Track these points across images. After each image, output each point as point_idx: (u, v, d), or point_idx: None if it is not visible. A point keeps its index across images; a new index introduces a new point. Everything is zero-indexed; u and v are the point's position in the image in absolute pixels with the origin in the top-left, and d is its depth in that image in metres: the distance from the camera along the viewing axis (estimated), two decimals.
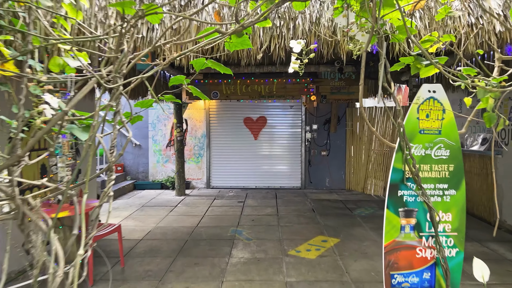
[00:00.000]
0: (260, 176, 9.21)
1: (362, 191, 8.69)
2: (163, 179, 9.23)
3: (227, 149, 9.22)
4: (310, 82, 8.65)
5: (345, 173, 9.13)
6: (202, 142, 9.23)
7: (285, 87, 8.66)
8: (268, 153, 9.21)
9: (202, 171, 9.29)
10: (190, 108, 9.18)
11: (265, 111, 9.15)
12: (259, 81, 8.68)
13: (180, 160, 8.19)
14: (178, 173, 8.20)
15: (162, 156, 9.32)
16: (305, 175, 9.14)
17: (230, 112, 9.16)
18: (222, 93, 8.70)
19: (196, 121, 9.23)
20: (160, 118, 9.27)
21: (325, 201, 7.63)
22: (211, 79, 8.67)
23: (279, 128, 9.17)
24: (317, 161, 9.13)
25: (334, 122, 8.96)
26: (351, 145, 8.97)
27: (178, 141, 8.15)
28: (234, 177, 9.24)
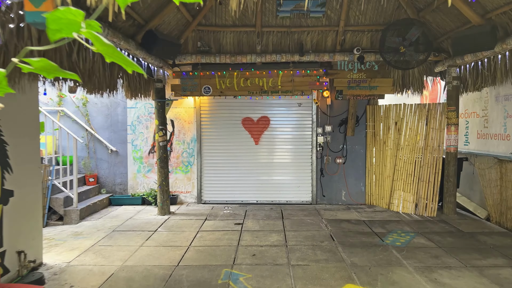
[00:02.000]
0: (262, 189, 7.78)
1: (387, 207, 7.25)
2: (144, 193, 7.79)
3: (222, 156, 7.78)
4: (323, 74, 7.22)
5: (365, 185, 7.69)
6: (192, 147, 7.80)
7: (292, 80, 7.23)
8: (271, 161, 7.77)
9: (192, 183, 7.85)
10: (176, 106, 7.75)
11: (268, 109, 7.73)
12: (260, 73, 7.25)
13: (163, 171, 6.75)
14: (161, 187, 6.75)
15: (143, 165, 7.89)
16: (317, 187, 7.71)
17: (226, 111, 7.73)
18: (216, 88, 7.27)
19: (184, 122, 7.80)
20: (141, 118, 7.85)
21: (344, 223, 6.19)
22: (202, 71, 7.25)
23: (285, 130, 7.73)
24: (331, 171, 7.69)
25: (351, 123, 7.53)
26: (373, 151, 7.54)
27: (160, 147, 6.72)
28: (230, 190, 7.80)
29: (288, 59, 6.91)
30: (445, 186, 6.65)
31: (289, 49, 7.05)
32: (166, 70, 6.87)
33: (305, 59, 6.91)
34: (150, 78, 6.76)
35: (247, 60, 6.89)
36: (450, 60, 6.49)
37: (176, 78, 7.30)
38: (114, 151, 7.86)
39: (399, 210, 7.00)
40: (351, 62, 7.24)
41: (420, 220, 6.36)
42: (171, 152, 7.82)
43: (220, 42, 7.03)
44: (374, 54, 6.87)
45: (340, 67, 7.27)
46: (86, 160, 7.83)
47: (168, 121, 7.75)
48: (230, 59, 6.87)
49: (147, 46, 5.22)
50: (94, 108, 7.85)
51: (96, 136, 7.79)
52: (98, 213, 7.00)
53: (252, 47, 7.04)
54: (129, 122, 7.85)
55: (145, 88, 6.63)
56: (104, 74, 4.65)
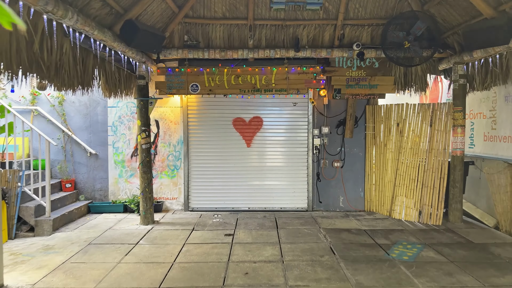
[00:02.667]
0: (255, 195, 7.27)
1: (388, 214, 6.82)
2: (127, 199, 7.22)
3: (212, 159, 7.26)
4: (320, 72, 6.76)
5: (364, 190, 7.25)
6: (179, 150, 7.26)
7: (287, 77, 6.75)
8: (264, 165, 7.28)
9: (179, 189, 7.30)
10: (161, 105, 7.20)
11: (260, 109, 7.23)
12: (253, 70, 6.75)
13: (146, 176, 6.20)
14: (144, 194, 6.20)
15: (126, 169, 7.31)
16: (313, 193, 7.24)
17: (215, 110, 7.21)
18: (204, 86, 6.75)
19: (170, 122, 7.25)
20: (123, 119, 7.27)
21: (344, 233, 5.72)
22: (189, 67, 6.72)
23: (279, 132, 7.25)
24: (329, 175, 7.24)
25: (350, 124, 7.08)
26: (373, 154, 7.10)
27: (143, 150, 6.16)
28: (220, 196, 7.28)
29: (283, 55, 6.43)
30: (451, 192, 6.24)
31: (283, 44, 6.57)
32: (150, 66, 6.32)
33: (301, 55, 6.44)
34: (132, 75, 6.20)
35: (239, 56, 6.38)
36: (457, 57, 6.09)
37: (160, 74, 6.76)
38: (93, 154, 7.26)
39: (401, 218, 6.57)
40: (350, 59, 6.80)
41: (425, 229, 5.93)
42: (155, 155, 7.27)
43: (209, 35, 6.51)
44: (375, 50, 6.43)
45: (338, 64, 6.82)
46: (62, 164, 7.22)
47: (152, 122, 7.20)
48: (220, 54, 6.36)
49: (126, 37, 4.67)
50: (71, 107, 7.24)
51: (73, 138, 7.19)
52: (75, 222, 6.41)
53: (244, 41, 6.54)
54: (110, 123, 7.27)
55: (126, 85, 6.08)
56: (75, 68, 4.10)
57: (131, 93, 6.44)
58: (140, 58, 5.68)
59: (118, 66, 5.53)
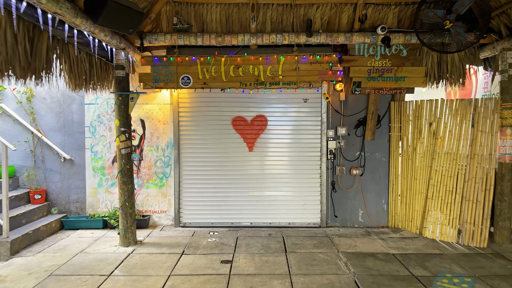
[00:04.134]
0: (258, 208, 6.23)
1: (417, 232, 5.76)
2: (107, 213, 6.20)
3: (207, 165, 6.22)
4: (336, 61, 5.71)
5: (387, 203, 6.19)
6: (168, 155, 6.23)
7: (297, 68, 5.70)
8: (269, 172, 6.23)
9: (168, 200, 6.27)
10: (148, 102, 6.17)
11: (265, 106, 6.19)
12: (256, 59, 5.71)
13: (126, 188, 5.17)
14: (123, 209, 5.17)
15: (106, 177, 6.29)
16: (327, 205, 6.19)
17: (211, 108, 6.18)
18: (197, 78, 5.72)
19: (158, 122, 6.22)
20: (102, 118, 6.25)
21: (369, 259, 4.67)
22: (179, 56, 5.68)
23: (286, 133, 6.20)
24: (346, 184, 6.18)
25: (371, 124, 6.02)
26: (398, 160, 6.04)
27: (122, 155, 5.13)
28: (217, 209, 6.24)
29: (292, 41, 5.39)
30: (498, 207, 5.18)
31: (293, 27, 5.53)
32: (132, 54, 5.30)
33: (313, 41, 5.39)
34: (108, 64, 5.18)
35: (239, 42, 5.35)
36: (506, 42, 5.03)
37: (146, 65, 5.72)
38: (68, 159, 6.24)
39: (435, 237, 5.51)
40: (373, 46, 5.73)
41: (468, 253, 4.87)
42: (141, 161, 6.24)
43: (203, 18, 5.49)
44: (403, 35, 5.37)
45: (359, 52, 5.76)
46: (31, 171, 6.20)
47: (137, 121, 6.18)
48: (216, 40, 5.33)
49: (91, 11, 3.64)
50: (41, 105, 6.22)
51: (44, 141, 6.17)
52: (41, 243, 5.39)
53: (245, 24, 5.50)
54: (87, 123, 6.24)
55: (101, 76, 5.06)
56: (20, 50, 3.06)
57: (109, 86, 5.42)
58: (117, 43, 4.65)
59: (87, 52, 4.50)
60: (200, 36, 5.32)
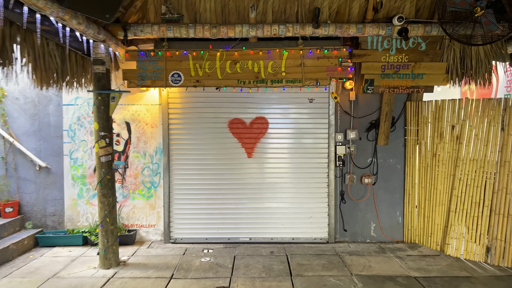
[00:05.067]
0: (258, 221, 5.59)
1: (438, 248, 5.14)
2: (88, 228, 5.55)
3: (200, 174, 5.58)
4: (347, 56, 5.10)
5: (403, 215, 5.57)
6: (157, 162, 5.59)
7: (302, 64, 5.08)
8: (271, 181, 5.59)
9: (157, 213, 5.63)
10: (134, 102, 5.53)
11: (265, 107, 5.56)
12: (256, 54, 5.09)
13: (106, 201, 4.51)
14: (103, 226, 4.51)
15: (87, 187, 5.64)
16: (336, 218, 5.56)
17: (205, 109, 5.54)
18: (189, 75, 5.09)
19: (146, 125, 5.58)
20: (83, 120, 5.60)
21: (388, 284, 4.04)
22: (168, 50, 5.05)
23: (289, 137, 5.57)
24: (356, 194, 5.56)
25: (385, 126, 5.41)
26: (415, 167, 5.43)
27: (102, 164, 4.48)
28: (212, 223, 5.60)
29: (297, 33, 4.78)
30: None
31: (297, 18, 4.92)
32: (114, 48, 4.67)
33: (321, 33, 4.79)
34: (87, 59, 4.55)
35: (236, 34, 4.73)
36: None
37: (130, 60, 5.08)
38: (44, 167, 5.59)
39: (459, 256, 4.89)
40: (388, 38, 5.13)
41: (501, 275, 4.26)
42: (126, 169, 5.60)
43: (196, 7, 4.87)
44: (422, 26, 4.78)
45: (371, 46, 5.15)
46: (2, 180, 5.54)
47: (122, 124, 5.54)
48: (210, 32, 4.71)
49: None
50: (14, 106, 5.56)
51: (17, 146, 5.52)
52: (10, 264, 4.73)
53: (243, 14, 4.89)
54: (66, 126, 5.60)
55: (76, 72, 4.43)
56: None
57: (88, 84, 4.78)
58: (95, 34, 4.01)
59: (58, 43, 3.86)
60: (192, 28, 4.70)
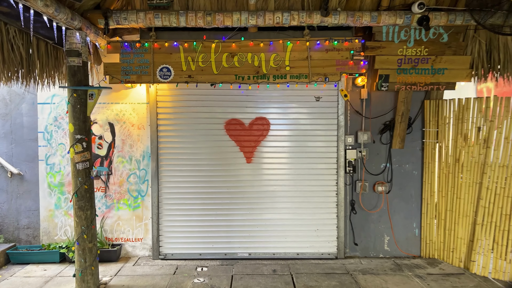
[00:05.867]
0: (259, 234, 5.01)
1: (462, 265, 4.59)
2: (66, 242, 4.94)
3: (193, 181, 4.99)
4: (359, 48, 4.53)
5: (420, 227, 5.02)
6: (145, 168, 4.99)
7: (309, 57, 4.51)
8: (272, 189, 5.01)
9: (145, 225, 5.03)
10: (118, 101, 4.94)
11: (267, 106, 4.98)
12: (256, 45, 4.51)
13: (83, 215, 3.91)
14: (80, 243, 3.91)
15: (66, 196, 5.04)
16: (345, 231, 4.99)
17: (199, 108, 4.95)
18: (181, 70, 4.50)
19: (132, 127, 4.98)
20: (60, 121, 5.00)
21: None
22: (156, 41, 4.46)
23: (293, 140, 4.99)
24: (368, 204, 5.00)
25: (401, 128, 4.85)
26: (435, 174, 4.88)
27: (79, 172, 3.88)
28: (206, 237, 5.01)
29: (303, 21, 4.21)
30: None
31: (303, 4, 4.34)
32: (94, 39, 4.07)
33: (330, 22, 4.22)
34: (59, 49, 3.95)
35: (234, 23, 4.16)
36: None
37: (112, 52, 4.47)
38: (16, 174, 4.98)
39: (486, 274, 4.34)
40: (406, 28, 4.56)
41: None
42: (110, 176, 5.00)
43: None
44: (446, 14, 4.22)
45: (387, 37, 4.58)
46: None
47: (105, 126, 4.94)
48: (204, 20, 4.13)
49: None
50: None
51: None
52: None
53: (242, 0, 4.31)
54: (41, 127, 4.99)
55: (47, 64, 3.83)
56: None
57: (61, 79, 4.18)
58: (67, 20, 3.41)
59: (20, 29, 3.26)
60: (184, 15, 4.12)
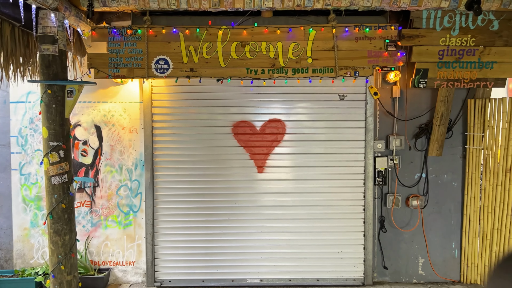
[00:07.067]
0: (272, 257, 4.28)
1: None
2: (44, 267, 4.20)
3: (195, 194, 4.25)
4: (395, 37, 3.82)
5: (461, 247, 4.32)
6: (137, 179, 4.25)
7: (335, 46, 3.79)
8: (288, 204, 4.28)
9: (138, 246, 4.29)
10: (106, 99, 4.20)
11: (282, 106, 4.25)
12: (272, 33, 3.79)
13: (60, 241, 3.16)
14: (56, 276, 3.16)
15: (44, 212, 4.29)
16: (374, 253, 4.29)
17: (202, 108, 4.22)
18: (181, 62, 3.77)
19: (122, 130, 4.24)
20: (37, 123, 4.25)
21: None
22: (152, 27, 3.73)
23: (313, 145, 4.26)
24: (401, 221, 4.30)
25: (439, 132, 4.15)
26: (478, 185, 4.19)
27: (55, 187, 3.13)
28: (210, 260, 4.27)
29: (328, 4, 3.49)
30: None
31: None
32: (75, 23, 3.34)
33: (362, 5, 3.50)
34: (30, 33, 3.20)
35: (246, 6, 3.44)
36: None
37: (98, 40, 3.74)
38: None
39: None
40: (450, 14, 3.86)
41: None
42: (96, 188, 4.26)
43: None
44: None
45: (427, 24, 3.87)
46: None
47: (91, 129, 4.20)
48: (210, 2, 3.41)
49: None
50: None
51: None
52: None
53: None
54: (14, 131, 4.24)
55: (15, 53, 3.08)
56: None
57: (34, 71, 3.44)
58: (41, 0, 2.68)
59: None
60: None
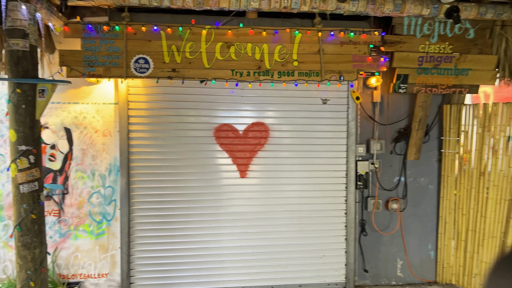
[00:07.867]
0: (254, 263, 4.19)
1: None
2: (6, 283, 3.84)
3: (174, 200, 4.07)
4: (378, 42, 3.87)
5: (436, 248, 4.46)
6: (111, 185, 4.00)
7: (321, 50, 3.78)
8: (271, 209, 4.21)
9: (111, 257, 4.04)
10: (76, 99, 3.92)
11: (265, 109, 4.18)
12: (257, 34, 3.71)
13: (30, 255, 2.89)
14: None
15: (5, 222, 3.93)
16: (355, 256, 4.31)
17: (183, 110, 4.04)
18: (162, 62, 3.60)
19: (95, 133, 3.98)
20: (4, 122, 3.91)
21: None
22: (131, 24, 3.54)
23: (296, 149, 4.23)
24: (381, 224, 4.36)
25: (417, 136, 4.27)
26: (453, 188, 4.34)
27: (23, 195, 2.85)
28: (190, 269, 4.11)
29: (315, 7, 3.48)
30: None
31: None
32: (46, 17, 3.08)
33: (347, 9, 3.52)
34: None
35: (231, 6, 3.34)
36: None
37: (72, 36, 3.48)
38: None
39: None
40: (430, 21, 3.98)
41: None
42: (66, 195, 3.96)
43: None
44: (476, 6, 3.68)
45: (408, 31, 3.97)
46: None
47: (60, 131, 3.91)
48: (194, 1, 3.28)
49: None
50: None
51: None
52: None
53: None
54: None
55: None
56: None
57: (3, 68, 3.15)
58: None
59: None
60: None
